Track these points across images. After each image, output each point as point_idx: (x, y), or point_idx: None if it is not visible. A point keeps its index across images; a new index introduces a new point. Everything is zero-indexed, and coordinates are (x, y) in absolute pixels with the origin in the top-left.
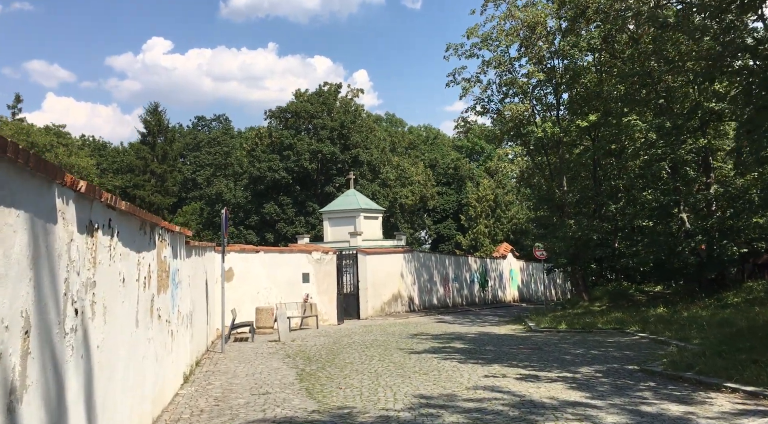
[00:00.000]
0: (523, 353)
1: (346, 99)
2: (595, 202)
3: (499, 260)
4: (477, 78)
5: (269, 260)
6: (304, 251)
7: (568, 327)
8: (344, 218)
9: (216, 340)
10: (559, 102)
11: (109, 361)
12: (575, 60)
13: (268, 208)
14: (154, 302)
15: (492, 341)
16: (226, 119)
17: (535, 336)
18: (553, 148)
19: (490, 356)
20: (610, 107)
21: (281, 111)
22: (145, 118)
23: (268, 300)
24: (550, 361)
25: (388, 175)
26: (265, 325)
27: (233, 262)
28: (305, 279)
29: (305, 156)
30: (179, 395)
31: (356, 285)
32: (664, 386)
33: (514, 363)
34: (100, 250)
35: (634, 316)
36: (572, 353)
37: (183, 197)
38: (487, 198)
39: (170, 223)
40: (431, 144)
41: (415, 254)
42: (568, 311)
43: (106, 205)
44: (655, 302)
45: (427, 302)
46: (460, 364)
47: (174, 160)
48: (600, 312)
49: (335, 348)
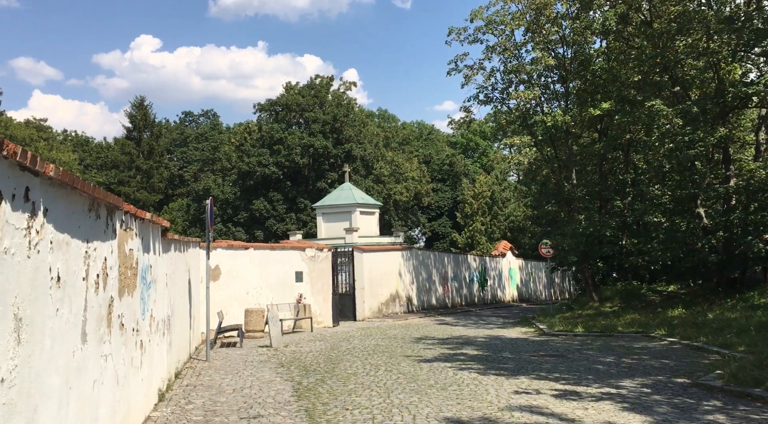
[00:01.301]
0: (548, 362)
1: (338, 92)
2: (600, 198)
3: (498, 258)
4: (480, 65)
5: (260, 258)
6: (298, 248)
7: (585, 330)
8: (339, 213)
9: (201, 345)
10: (567, 91)
11: (28, 399)
12: (584, 47)
13: (257, 204)
14: (114, 307)
15: (506, 347)
16: (214, 115)
17: (551, 341)
18: (561, 140)
19: (511, 366)
20: (627, 93)
21: (271, 104)
22: (131, 113)
23: (259, 301)
24: (582, 371)
25: (382, 170)
26: (255, 328)
27: (220, 259)
28: (298, 278)
29: (296, 150)
30: (151, 419)
31: (352, 285)
32: (734, 406)
33: (542, 375)
34: (6, 232)
35: (652, 318)
36: (602, 361)
37: (170, 194)
38: (484, 195)
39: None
40: (425, 140)
41: (414, 251)
42: (577, 312)
43: (19, 165)
44: (670, 302)
45: (425, 303)
46: (480, 375)
47: (160, 155)
48: (612, 313)
49: (334, 355)
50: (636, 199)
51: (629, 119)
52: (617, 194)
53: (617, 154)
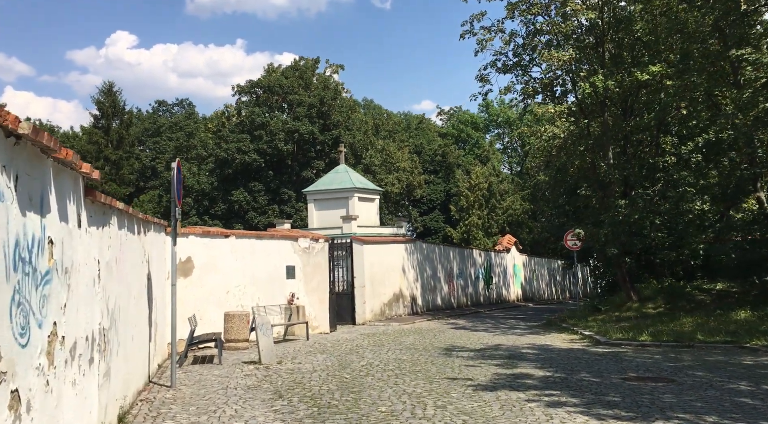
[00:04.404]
0: (659, 391)
1: (324, 76)
2: (626, 184)
3: (502, 253)
4: (500, 26)
5: (243, 248)
6: (289, 238)
7: (653, 339)
8: (334, 199)
9: (166, 362)
10: (603, 54)
11: None
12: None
13: (236, 195)
14: None
15: (574, 364)
16: (190, 104)
17: (621, 354)
18: (595, 112)
19: (617, 399)
20: (694, 47)
21: (252, 85)
22: (98, 99)
23: (242, 302)
24: (725, 411)
25: (372, 159)
26: (238, 337)
27: (193, 249)
28: (290, 274)
29: (280, 136)
30: None
31: (351, 282)
32: None
33: (681, 417)
34: None
35: (716, 322)
36: (736, 389)
37: (141, 187)
38: (481, 187)
39: None
40: (416, 129)
41: (418, 244)
42: (613, 314)
43: None
44: (724, 302)
45: (430, 303)
46: (582, 415)
47: (131, 146)
48: (658, 315)
49: (348, 377)
50: (668, 186)
51: (698, 79)
52: (646, 180)
53: (644, 135)
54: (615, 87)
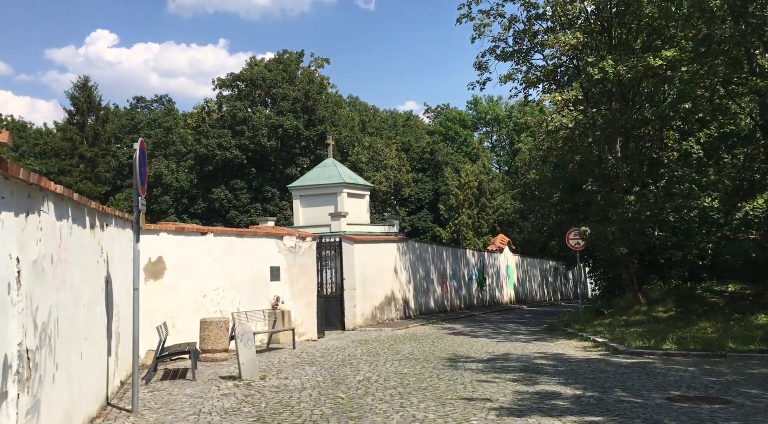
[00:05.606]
0: (728, 420)
1: (309, 70)
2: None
3: (495, 253)
4: (498, 10)
5: (222, 247)
6: (273, 236)
7: (678, 347)
8: (322, 195)
9: (129, 379)
10: (611, 39)
11: None
12: None
13: (217, 193)
14: None
15: (601, 378)
16: (170, 100)
17: (649, 365)
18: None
19: None
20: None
21: (234, 79)
22: (73, 94)
23: (221, 308)
24: None
25: (359, 156)
26: (216, 347)
27: (165, 247)
28: (274, 276)
29: (263, 132)
30: None
31: (340, 284)
32: None
33: None
34: None
35: (736, 327)
36: None
37: (118, 185)
38: (471, 185)
39: None
40: (404, 126)
41: (410, 244)
42: (621, 318)
43: None
44: (738, 305)
45: (423, 306)
46: None
47: (107, 143)
48: (671, 320)
49: (344, 397)
50: (672, 182)
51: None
52: (649, 176)
53: (646, 129)
54: (626, 73)
